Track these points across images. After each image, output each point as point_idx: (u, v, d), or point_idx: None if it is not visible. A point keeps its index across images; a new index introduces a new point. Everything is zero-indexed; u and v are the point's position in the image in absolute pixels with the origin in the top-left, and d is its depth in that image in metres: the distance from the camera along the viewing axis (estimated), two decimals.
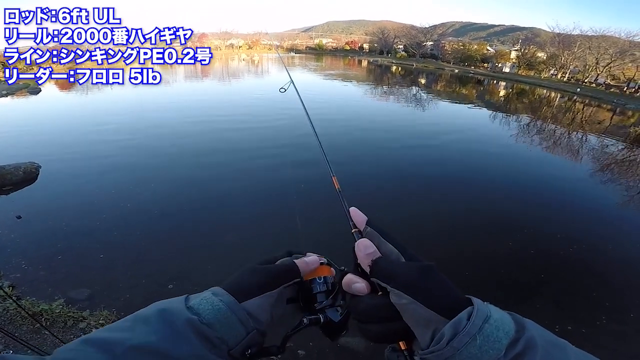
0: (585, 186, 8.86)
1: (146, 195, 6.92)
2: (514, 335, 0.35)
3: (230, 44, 76.24)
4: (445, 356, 0.35)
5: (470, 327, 0.35)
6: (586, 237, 5.98)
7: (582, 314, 4.19)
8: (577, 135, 15.35)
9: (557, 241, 5.74)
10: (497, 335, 0.35)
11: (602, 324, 4.03)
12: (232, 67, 46.36)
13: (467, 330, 0.35)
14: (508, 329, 0.36)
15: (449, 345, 0.35)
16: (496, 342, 0.34)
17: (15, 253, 4.72)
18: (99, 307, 3.65)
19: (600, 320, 4.07)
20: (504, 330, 0.35)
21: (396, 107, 19.37)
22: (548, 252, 5.43)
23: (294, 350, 3.42)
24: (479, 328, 0.35)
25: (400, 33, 67.52)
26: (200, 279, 4.39)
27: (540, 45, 48.64)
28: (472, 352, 0.34)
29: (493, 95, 29.58)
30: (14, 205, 6.45)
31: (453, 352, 0.35)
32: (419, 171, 8.73)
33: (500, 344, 0.34)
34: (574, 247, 5.58)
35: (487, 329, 0.35)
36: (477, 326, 0.35)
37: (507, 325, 0.36)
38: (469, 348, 0.34)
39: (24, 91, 23.54)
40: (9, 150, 9.30)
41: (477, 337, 0.34)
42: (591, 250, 5.54)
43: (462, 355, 0.34)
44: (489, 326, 0.35)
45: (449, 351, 0.35)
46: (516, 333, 0.36)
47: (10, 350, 1.67)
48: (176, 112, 15.31)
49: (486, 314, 0.36)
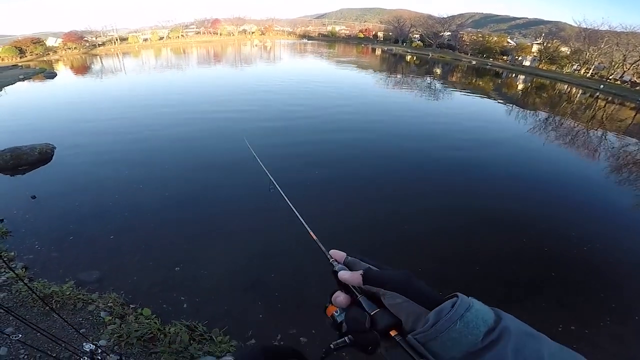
0: (603, 185, 8.58)
1: (160, 177, 7.02)
2: (492, 324, 0.40)
3: (243, 30, 75.49)
4: (430, 337, 0.40)
5: (452, 314, 0.40)
6: (600, 237, 5.82)
7: (587, 315, 4.12)
8: (596, 133, 14.83)
9: (570, 240, 5.63)
10: (476, 322, 0.39)
11: (605, 325, 3.96)
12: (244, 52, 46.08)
13: (450, 317, 0.40)
14: (487, 318, 0.40)
15: (433, 328, 0.40)
16: (474, 329, 0.39)
17: (29, 234, 4.85)
18: (107, 289, 3.73)
19: (605, 322, 3.99)
20: (483, 319, 0.40)
21: (406, 95, 18.95)
22: (561, 251, 5.33)
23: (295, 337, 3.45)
24: (461, 315, 0.39)
25: (417, 22, 65.61)
26: (206, 263, 4.46)
27: (565, 40, 46.61)
28: (452, 336, 0.39)
29: (511, 89, 28.74)
30: (29, 185, 6.61)
31: (436, 334, 0.40)
32: (436, 165, 8.59)
33: (478, 331, 0.39)
34: (587, 246, 5.47)
35: (467, 317, 0.40)
36: (459, 314, 0.40)
37: (487, 315, 0.41)
38: (450, 332, 0.39)
39: (40, 75, 23.97)
40: (26, 131, 9.52)
41: (457, 323, 0.39)
42: (604, 251, 5.41)
43: (443, 337, 0.39)
44: (470, 314, 0.40)
45: (432, 333, 0.40)
46: (494, 323, 0.40)
47: (20, 334, 1.68)
48: (193, 97, 15.39)
49: (468, 304, 0.41)
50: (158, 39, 60.32)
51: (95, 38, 52.20)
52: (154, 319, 3.29)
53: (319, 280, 4.15)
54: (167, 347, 2.99)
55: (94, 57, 40.83)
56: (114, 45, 52.73)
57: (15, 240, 4.67)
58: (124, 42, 55.97)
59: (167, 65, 31.63)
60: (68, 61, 36.85)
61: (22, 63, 33.29)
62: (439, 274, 4.57)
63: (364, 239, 5.30)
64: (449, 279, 4.49)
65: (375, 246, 5.12)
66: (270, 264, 4.54)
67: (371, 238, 5.32)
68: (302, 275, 4.34)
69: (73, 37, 47.45)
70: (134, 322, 3.21)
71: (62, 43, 46.60)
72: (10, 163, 7.17)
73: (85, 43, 49.00)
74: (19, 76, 22.43)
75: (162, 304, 3.71)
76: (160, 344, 3.01)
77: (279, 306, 3.87)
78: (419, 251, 5.05)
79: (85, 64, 33.99)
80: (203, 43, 62.17)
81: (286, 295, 4.04)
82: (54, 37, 48.58)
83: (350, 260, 0.58)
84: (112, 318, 3.25)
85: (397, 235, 5.41)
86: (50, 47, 44.59)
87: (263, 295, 4.03)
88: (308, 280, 4.28)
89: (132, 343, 2.95)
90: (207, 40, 66.41)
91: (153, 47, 55.14)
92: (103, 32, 55.44)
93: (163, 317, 3.42)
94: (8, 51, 37.13)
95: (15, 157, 7.24)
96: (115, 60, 37.41)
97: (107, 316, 3.26)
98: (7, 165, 7.12)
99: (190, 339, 3.16)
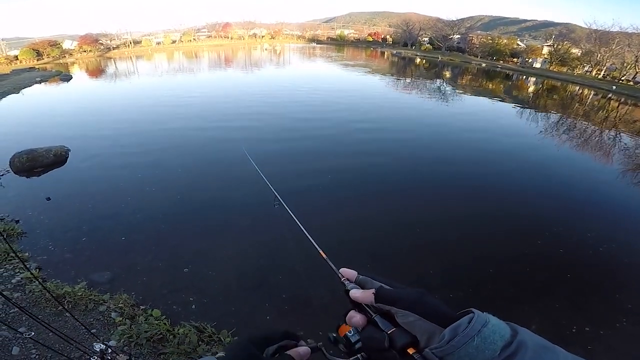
0: (618, 187, 8.41)
1: (172, 181, 7.12)
2: (509, 339, 0.40)
3: (253, 34, 76.32)
4: (446, 352, 0.40)
5: (469, 330, 0.40)
6: (616, 239, 5.73)
7: (602, 316, 4.05)
8: (610, 134, 14.52)
9: (586, 241, 5.56)
10: (494, 338, 0.40)
11: (621, 326, 3.89)
12: (254, 57, 46.49)
13: (467, 332, 0.40)
14: (504, 333, 0.40)
15: (449, 344, 0.40)
16: (492, 344, 0.39)
17: (43, 235, 4.97)
18: (118, 290, 3.79)
19: (621, 323, 3.92)
20: (500, 334, 0.40)
21: (417, 99, 18.87)
22: (576, 252, 5.27)
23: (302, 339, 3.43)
24: (478, 331, 0.40)
25: (426, 26, 65.42)
26: (214, 265, 4.52)
27: (575, 42, 46.04)
28: (469, 351, 0.39)
29: (521, 90, 28.38)
30: (44, 186, 6.78)
31: (453, 349, 0.40)
32: (452, 169, 8.51)
33: (495, 345, 0.39)
34: (603, 247, 5.39)
35: (485, 332, 0.40)
36: (476, 330, 0.40)
37: (503, 330, 0.41)
38: (467, 347, 0.39)
39: (56, 78, 24.56)
40: (42, 134, 9.75)
41: (475, 338, 0.39)
42: (620, 252, 5.33)
43: (460, 353, 0.39)
44: (487, 330, 0.40)
45: (449, 349, 0.40)
46: (511, 337, 0.40)
47: (32, 332, 1.72)
48: (205, 98, 15.60)
49: (485, 320, 0.42)
50: (170, 43, 61.44)
51: (110, 41, 53.36)
52: (163, 320, 3.33)
53: (326, 282, 4.16)
54: (175, 347, 3.02)
55: (108, 60, 41.70)
56: (128, 49, 53.85)
57: (29, 241, 4.78)
58: (137, 45, 57.15)
59: (180, 69, 32.12)
60: (83, 64, 37.72)
61: (39, 65, 34.25)
62: (453, 274, 4.56)
63: (379, 235, 5.33)
64: (462, 279, 4.48)
65: (393, 245, 5.17)
66: (277, 266, 4.56)
67: (387, 237, 5.34)
68: (309, 277, 4.35)
69: (88, 40, 48.56)
70: (143, 323, 3.26)
71: (77, 46, 47.71)
72: (27, 165, 7.36)
73: (100, 46, 50.08)
74: (35, 79, 23.06)
75: (172, 305, 3.76)
76: (169, 345, 3.05)
77: (286, 308, 3.88)
78: (432, 252, 5.04)
79: (100, 67, 34.72)
80: (214, 47, 63.03)
81: (293, 296, 4.05)
82: (70, 39, 49.78)
83: (361, 279, 0.59)
84: (123, 319, 3.30)
85: (411, 237, 5.41)
86: (66, 50, 45.69)
87: (270, 296, 4.05)
88: (315, 282, 4.29)
89: (142, 344, 2.99)
90: (219, 43, 67.36)
91: (166, 50, 56.16)
92: (117, 35, 56.67)
93: (172, 318, 3.47)
94: (26, 53, 38.21)
95: (31, 159, 7.43)
96: (129, 64, 38.15)
97: (117, 317, 3.32)
98: (24, 167, 7.32)
99: (199, 340, 3.19)
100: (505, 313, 3.83)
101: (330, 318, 2.90)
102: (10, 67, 31.77)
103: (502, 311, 3.88)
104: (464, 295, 4.15)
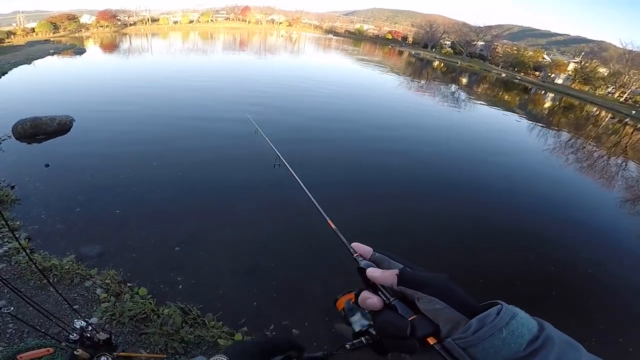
0: (616, 214, 8.24)
1: (175, 157, 7.05)
2: (536, 333, 0.39)
3: (271, 19, 75.73)
4: (469, 344, 0.39)
5: (498, 321, 0.39)
6: (605, 262, 5.64)
7: (576, 336, 3.90)
8: (616, 160, 14.14)
9: (579, 262, 5.51)
10: (521, 331, 0.38)
11: (590, 346, 3.70)
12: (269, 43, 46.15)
13: (495, 324, 0.39)
14: (531, 327, 0.39)
15: (475, 334, 0.39)
16: (519, 337, 0.38)
17: (37, 202, 4.89)
18: (107, 265, 3.71)
19: (590, 343, 3.80)
20: (528, 327, 0.39)
21: (427, 101, 18.57)
22: (565, 271, 5.21)
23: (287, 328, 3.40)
24: (506, 323, 0.39)
25: (450, 29, 64.36)
26: (206, 246, 4.44)
27: (605, 61, 44.72)
28: (495, 343, 0.38)
29: (537, 105, 27.92)
30: (44, 153, 6.75)
31: (478, 341, 0.38)
32: (451, 179, 8.34)
33: (522, 339, 0.38)
34: (592, 268, 5.35)
35: (513, 325, 0.39)
36: (504, 321, 0.39)
37: (531, 324, 0.40)
38: (493, 339, 0.38)
39: (70, 51, 24.57)
40: (48, 103, 9.70)
41: (502, 330, 0.38)
42: (606, 275, 5.28)
43: (486, 344, 0.38)
44: (515, 322, 0.39)
45: (474, 340, 0.39)
46: (538, 332, 0.39)
47: (12, 307, 1.64)
48: (211, 78, 15.46)
49: (514, 312, 0.40)
50: (188, 22, 61.14)
51: (128, 17, 53.26)
52: (149, 299, 3.26)
53: (319, 271, 4.17)
54: (158, 328, 2.95)
55: (123, 36, 41.59)
56: (144, 26, 53.70)
57: (22, 209, 4.69)
58: (154, 23, 56.95)
59: (193, 49, 31.99)
60: (98, 39, 37.63)
61: (54, 38, 34.19)
62: None
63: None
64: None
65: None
66: (270, 253, 4.48)
67: None
68: (301, 266, 4.31)
69: (107, 16, 48.49)
70: (128, 301, 3.19)
71: (95, 20, 47.71)
72: (29, 132, 7.30)
73: (118, 22, 50.04)
74: (49, 51, 23.02)
75: (159, 284, 3.69)
76: (152, 325, 2.98)
77: (274, 295, 3.80)
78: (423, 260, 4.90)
79: (114, 43, 34.61)
80: (231, 29, 62.69)
81: (283, 285, 3.97)
82: (89, 14, 49.77)
83: (378, 257, 0.54)
84: (108, 295, 3.23)
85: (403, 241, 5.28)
86: (83, 24, 45.68)
87: (260, 282, 3.98)
88: (307, 271, 4.25)
89: (124, 322, 2.92)
90: (236, 26, 66.99)
91: (182, 30, 55.93)
92: (136, 12, 56.55)
93: (158, 297, 3.39)
94: (43, 26, 38.14)
95: (34, 127, 7.37)
96: (144, 40, 38.07)
97: (102, 293, 3.24)
98: (26, 133, 7.26)
99: (183, 322, 3.12)
100: None
101: (321, 311, 2.79)
102: (25, 39, 31.73)
103: None
104: None
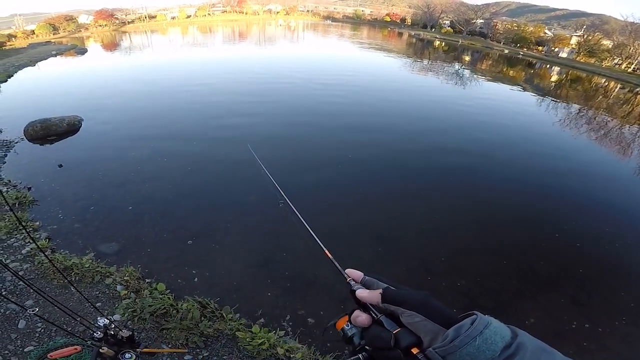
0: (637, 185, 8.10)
1: (185, 152, 7.08)
2: (509, 340, 0.41)
3: (268, 9, 74.55)
4: (448, 352, 0.42)
5: (471, 331, 0.42)
6: (630, 235, 5.60)
7: (603, 314, 3.95)
8: (632, 129, 13.86)
9: (604, 236, 5.44)
10: (495, 339, 0.41)
11: (620, 324, 3.79)
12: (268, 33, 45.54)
13: (469, 333, 0.42)
14: (504, 335, 0.42)
15: (452, 343, 0.42)
16: (493, 344, 0.41)
17: (54, 202, 5.01)
18: (125, 262, 3.80)
19: (620, 322, 3.83)
20: (501, 336, 0.42)
21: (427, 80, 18.24)
22: (591, 246, 5.16)
23: (303, 318, 3.45)
24: (480, 332, 0.41)
25: (448, 8, 62.61)
26: (219, 239, 4.51)
27: (607, 33, 43.67)
28: (470, 351, 0.40)
29: (544, 79, 27.31)
30: (56, 154, 6.85)
31: (454, 349, 0.41)
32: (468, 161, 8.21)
33: (496, 346, 0.41)
34: (619, 242, 5.29)
35: (486, 333, 0.42)
36: (478, 330, 0.42)
37: (504, 332, 0.43)
38: (468, 347, 0.41)
39: (72, 52, 24.59)
40: (56, 104, 9.80)
41: (477, 339, 0.41)
42: (633, 249, 5.20)
43: (461, 352, 0.41)
44: (489, 331, 0.42)
45: (451, 348, 0.42)
46: (511, 339, 0.42)
47: (37, 308, 1.70)
48: (220, 72, 15.38)
49: (487, 322, 0.43)
50: (185, 17, 60.50)
51: (125, 15, 52.89)
52: (167, 295, 3.33)
53: (329, 262, 4.12)
54: (178, 323, 3.02)
55: (123, 35, 41.46)
56: (143, 23, 53.30)
57: (40, 210, 4.82)
58: (152, 20, 56.46)
59: (193, 44, 31.79)
60: (98, 38, 37.62)
61: (55, 39, 34.25)
62: (461, 262, 4.49)
63: (391, 220, 5.27)
64: (480, 272, 4.38)
65: (404, 229, 5.10)
66: (282, 243, 4.52)
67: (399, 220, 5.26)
68: (312, 256, 4.31)
69: (104, 15, 48.26)
70: (148, 297, 3.26)
71: (93, 20, 47.55)
72: (40, 133, 7.44)
73: (115, 20, 49.80)
74: (51, 52, 23.09)
75: (176, 279, 3.77)
76: (172, 320, 3.05)
77: (289, 285, 3.86)
78: (444, 242, 4.93)
79: (115, 41, 34.58)
80: (229, 22, 61.91)
81: (296, 275, 4.02)
82: (86, 14, 49.58)
83: (367, 280, 0.61)
84: (128, 292, 3.31)
85: (427, 224, 5.32)
86: (82, 24, 45.62)
87: (274, 273, 4.03)
88: (318, 261, 4.23)
89: (145, 318, 3.00)
90: (234, 19, 66.05)
91: (180, 25, 55.41)
92: (132, 10, 56.09)
93: (176, 292, 3.47)
94: (43, 28, 38.31)
95: (44, 128, 7.50)
96: (144, 38, 37.89)
97: (123, 290, 3.33)
98: (37, 135, 7.41)
99: (202, 315, 3.18)
100: (506, 309, 3.75)
101: (333, 299, 2.82)
102: (27, 41, 31.93)
103: (505, 306, 3.81)
104: (467, 284, 4.10)
